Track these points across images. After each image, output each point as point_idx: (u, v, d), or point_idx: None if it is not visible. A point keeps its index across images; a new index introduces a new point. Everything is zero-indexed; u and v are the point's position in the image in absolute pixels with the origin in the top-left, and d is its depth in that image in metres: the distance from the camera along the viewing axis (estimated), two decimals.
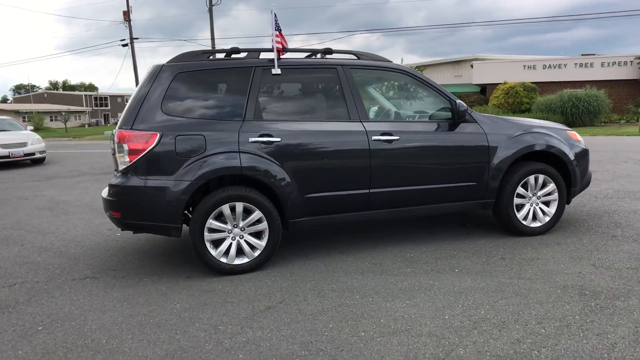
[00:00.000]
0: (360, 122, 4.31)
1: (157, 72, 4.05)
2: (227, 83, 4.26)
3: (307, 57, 4.67)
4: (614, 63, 28.26)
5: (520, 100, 26.93)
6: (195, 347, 2.83)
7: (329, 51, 4.56)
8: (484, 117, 4.72)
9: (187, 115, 4.03)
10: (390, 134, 4.31)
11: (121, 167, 3.93)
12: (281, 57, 4.27)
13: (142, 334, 3.03)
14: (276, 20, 4.13)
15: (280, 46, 4.16)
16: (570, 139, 4.94)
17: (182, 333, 3.02)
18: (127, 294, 3.72)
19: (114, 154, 4.36)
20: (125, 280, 4.04)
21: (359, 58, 4.61)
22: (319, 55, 4.61)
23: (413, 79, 4.67)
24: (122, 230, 4.44)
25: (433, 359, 2.59)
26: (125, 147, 3.86)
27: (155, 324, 3.18)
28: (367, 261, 4.24)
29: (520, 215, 4.71)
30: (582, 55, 31.38)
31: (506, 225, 4.76)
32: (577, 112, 23.79)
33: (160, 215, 3.90)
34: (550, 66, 29.60)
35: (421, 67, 39.21)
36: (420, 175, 4.44)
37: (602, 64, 28.44)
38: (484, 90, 31.78)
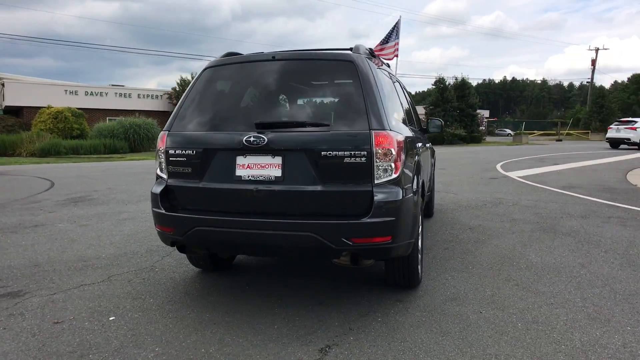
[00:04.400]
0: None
1: (367, 62, 3.25)
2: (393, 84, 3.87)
3: None
4: (148, 95, 31.82)
5: (70, 126, 25.95)
6: None
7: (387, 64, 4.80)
8: None
9: (395, 116, 3.50)
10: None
11: (385, 178, 2.96)
12: None
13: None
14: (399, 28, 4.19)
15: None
16: None
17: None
18: (410, 344, 2.97)
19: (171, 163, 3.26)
20: (367, 336, 2.98)
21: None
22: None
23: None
24: (366, 262, 3.15)
25: None
26: (393, 152, 2.99)
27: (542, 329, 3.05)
28: (460, 261, 4.92)
29: None
30: (112, 85, 33.26)
31: (426, 214, 6.42)
32: (139, 138, 25.60)
33: (411, 230, 3.22)
34: (92, 93, 29.82)
35: None
36: (431, 174, 5.51)
37: (139, 96, 31.41)
38: (17, 112, 28.09)
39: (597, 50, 56.00)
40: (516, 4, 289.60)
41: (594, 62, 55.73)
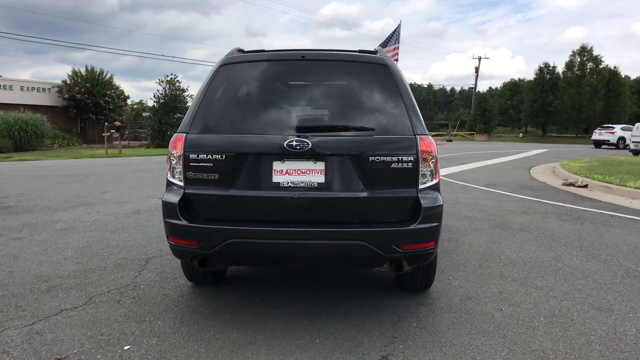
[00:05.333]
0: None
1: (397, 66, 3.25)
2: None
3: None
4: (34, 88, 28.52)
5: None
6: None
7: None
8: None
9: None
10: None
11: (427, 184, 2.94)
12: None
13: None
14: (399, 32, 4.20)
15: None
16: None
17: None
18: (460, 348, 3.01)
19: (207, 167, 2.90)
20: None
21: None
22: None
23: None
24: (407, 268, 3.10)
25: None
26: (434, 157, 2.98)
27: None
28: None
29: None
30: None
31: None
32: (27, 136, 22.93)
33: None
34: None
35: None
36: None
37: (22, 88, 28.04)
38: None
39: (479, 59, 61.58)
40: (404, 12, 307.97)
41: (477, 69, 61.19)
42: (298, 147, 2.80)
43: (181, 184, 2.98)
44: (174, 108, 27.91)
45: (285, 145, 2.81)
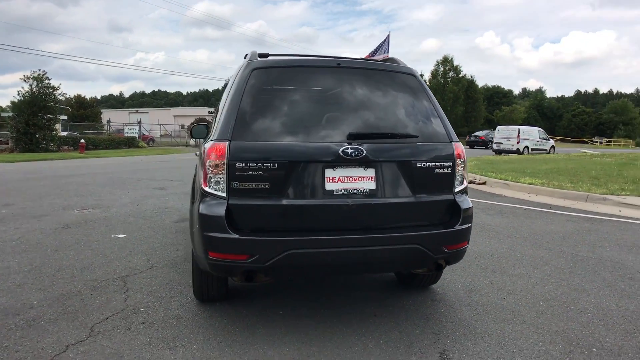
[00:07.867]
0: None
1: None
2: None
3: None
4: None
5: None
6: None
7: None
8: None
9: None
10: None
11: (460, 187, 3.14)
12: None
13: None
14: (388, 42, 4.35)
15: None
16: None
17: None
18: (496, 338, 3.28)
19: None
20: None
21: None
22: None
23: None
24: (433, 269, 3.22)
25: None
26: (464, 162, 3.19)
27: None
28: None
29: None
30: None
31: None
32: None
33: None
34: None
35: None
36: None
37: None
38: None
39: None
40: (276, 16, 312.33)
41: None
42: (353, 155, 2.80)
43: (223, 194, 2.77)
44: (43, 108, 24.91)
45: (340, 152, 2.79)
